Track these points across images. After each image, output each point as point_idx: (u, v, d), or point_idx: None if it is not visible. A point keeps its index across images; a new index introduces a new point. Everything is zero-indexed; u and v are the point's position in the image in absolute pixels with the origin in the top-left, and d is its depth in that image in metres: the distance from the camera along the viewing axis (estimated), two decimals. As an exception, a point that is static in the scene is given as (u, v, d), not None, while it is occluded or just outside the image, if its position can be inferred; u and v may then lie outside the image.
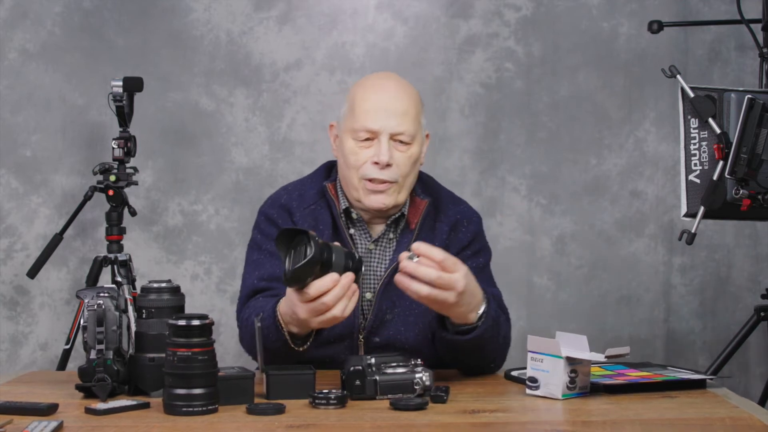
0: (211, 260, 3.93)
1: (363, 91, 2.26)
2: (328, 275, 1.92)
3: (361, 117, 2.21)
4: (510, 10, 3.97)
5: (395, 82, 2.28)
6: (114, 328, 1.92)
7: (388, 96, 2.23)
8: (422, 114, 2.28)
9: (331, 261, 1.92)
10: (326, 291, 1.91)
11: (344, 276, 1.93)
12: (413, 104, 2.24)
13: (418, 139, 2.24)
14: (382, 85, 2.27)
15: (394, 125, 2.20)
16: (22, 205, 3.89)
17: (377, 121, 2.20)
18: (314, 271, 1.90)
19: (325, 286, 1.91)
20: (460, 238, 2.30)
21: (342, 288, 1.92)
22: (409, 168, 2.22)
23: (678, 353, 3.98)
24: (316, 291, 1.91)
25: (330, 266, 1.92)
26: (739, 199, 2.85)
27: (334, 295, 1.92)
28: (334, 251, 1.93)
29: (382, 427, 1.72)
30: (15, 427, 1.69)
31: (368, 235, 2.28)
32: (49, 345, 3.89)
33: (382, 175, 2.19)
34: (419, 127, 2.25)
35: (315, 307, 1.93)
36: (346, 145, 2.23)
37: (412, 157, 2.22)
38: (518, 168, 3.98)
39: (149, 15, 3.92)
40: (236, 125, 3.94)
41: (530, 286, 3.98)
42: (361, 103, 2.23)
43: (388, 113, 2.20)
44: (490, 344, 2.12)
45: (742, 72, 3.97)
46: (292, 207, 2.29)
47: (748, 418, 1.78)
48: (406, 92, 2.25)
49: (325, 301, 1.92)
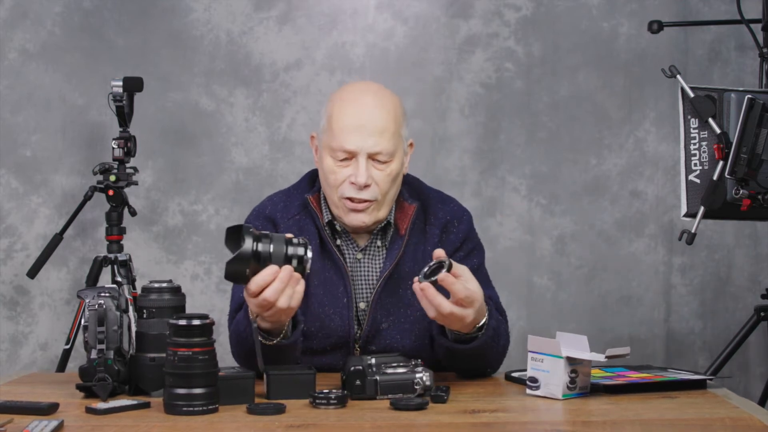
0: (211, 260, 3.93)
1: (340, 106, 2.20)
2: (267, 268, 1.88)
3: (338, 136, 2.16)
4: (510, 10, 3.97)
5: (373, 96, 2.21)
6: (115, 327, 1.93)
7: (365, 113, 2.17)
8: (404, 125, 2.22)
9: (267, 252, 1.88)
10: (266, 285, 1.88)
11: (283, 269, 1.88)
12: (392, 119, 2.18)
13: (398, 155, 2.19)
14: (359, 100, 2.21)
15: (371, 144, 2.15)
16: (22, 205, 3.89)
17: (354, 141, 2.15)
18: (249, 263, 1.87)
19: (264, 280, 1.88)
20: (452, 239, 2.27)
21: (281, 281, 1.88)
22: (388, 185, 2.18)
23: (678, 353, 3.98)
24: (256, 286, 1.88)
25: (268, 257, 1.88)
26: (739, 199, 2.85)
27: (273, 289, 1.88)
28: (272, 241, 1.88)
29: (382, 427, 1.72)
30: (15, 426, 1.69)
31: (355, 245, 2.26)
32: (49, 345, 3.89)
33: (361, 195, 2.16)
34: (399, 142, 2.20)
35: (259, 302, 1.90)
36: (325, 162, 2.20)
37: (392, 174, 2.18)
38: (518, 168, 3.98)
39: (149, 15, 3.92)
40: (236, 125, 3.94)
41: (530, 286, 3.98)
42: (339, 119, 2.18)
43: (366, 132, 2.15)
44: (489, 352, 2.12)
45: (742, 72, 3.97)
46: (276, 218, 2.26)
47: (748, 418, 1.78)
48: (385, 107, 2.19)
49: (266, 296, 1.89)
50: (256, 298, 1.90)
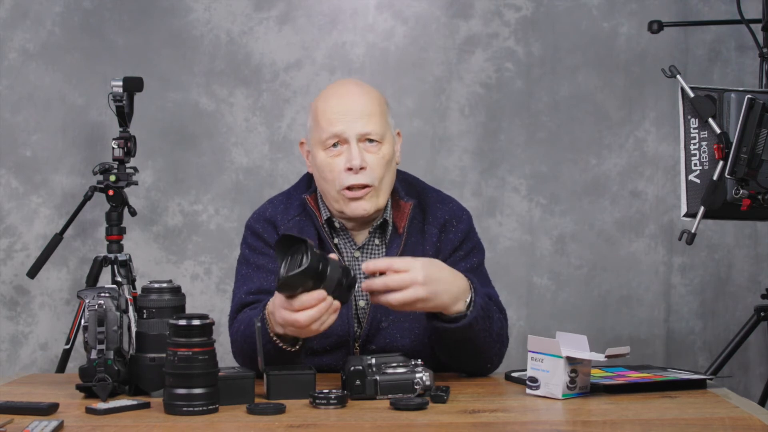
0: (211, 260, 3.93)
1: (324, 100, 2.24)
2: (315, 292, 1.90)
3: (326, 125, 2.19)
4: (510, 10, 3.97)
5: (354, 86, 2.26)
6: (115, 328, 1.93)
7: (349, 99, 2.21)
8: (388, 113, 2.26)
9: (325, 274, 1.90)
10: (308, 307, 1.90)
11: (326, 300, 1.91)
12: (376, 104, 2.22)
13: (388, 137, 2.22)
14: (341, 91, 2.25)
15: (360, 126, 2.18)
16: (22, 205, 3.89)
17: (342, 123, 2.18)
18: (306, 281, 1.89)
19: (309, 302, 1.90)
20: (451, 238, 2.27)
21: (319, 311, 1.91)
22: (383, 169, 2.20)
23: (678, 353, 3.98)
24: (300, 305, 1.90)
25: (323, 279, 1.90)
26: (739, 199, 2.85)
27: (308, 315, 1.90)
28: (330, 265, 1.91)
29: (382, 427, 1.72)
30: (16, 426, 1.70)
31: (353, 243, 2.26)
32: (49, 345, 3.89)
33: (358, 180, 2.17)
34: (387, 126, 2.23)
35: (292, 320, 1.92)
36: (318, 158, 2.21)
37: (385, 157, 2.20)
38: (518, 168, 3.98)
39: (149, 15, 3.92)
40: (236, 125, 3.94)
41: (530, 286, 3.98)
42: (324, 111, 2.21)
43: (352, 115, 2.18)
44: (482, 336, 2.09)
45: (742, 72, 3.97)
46: (277, 220, 2.27)
47: (748, 418, 1.78)
48: (368, 94, 2.23)
49: (298, 318, 1.91)
50: (289, 313, 1.92)
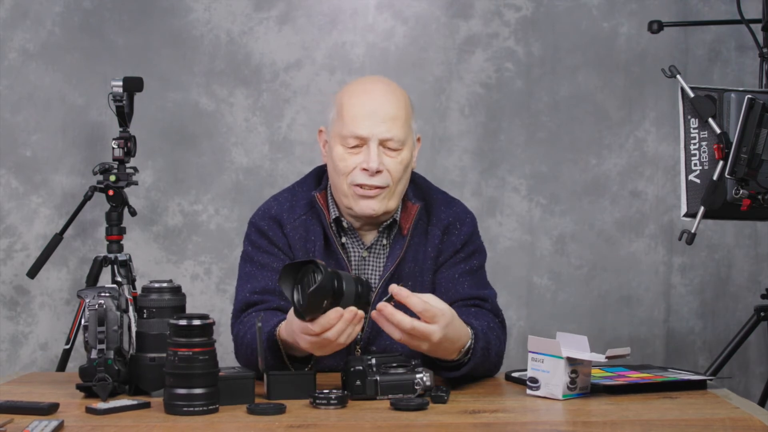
0: (211, 260, 3.93)
1: (350, 95, 2.21)
2: (332, 311, 1.86)
3: (349, 123, 2.16)
4: (510, 10, 3.97)
5: (383, 85, 2.23)
6: (115, 327, 1.93)
7: (376, 101, 2.18)
8: (413, 118, 2.23)
9: (342, 289, 1.88)
10: (330, 327, 1.87)
11: (347, 310, 1.87)
12: (402, 108, 2.19)
13: (409, 144, 2.20)
14: (370, 89, 2.22)
15: (383, 131, 2.15)
16: (22, 205, 3.89)
17: (365, 127, 2.15)
18: (327, 298, 1.86)
19: (329, 322, 1.87)
20: (453, 240, 2.26)
21: (345, 322, 1.87)
22: (400, 173, 2.18)
23: (678, 353, 3.98)
24: (321, 328, 1.87)
25: (342, 294, 1.88)
26: (739, 199, 2.85)
27: (337, 330, 1.87)
28: (343, 278, 1.89)
29: (382, 427, 1.72)
30: (16, 426, 1.70)
31: (361, 243, 2.25)
32: (49, 345, 3.89)
33: (372, 181, 2.15)
34: (409, 132, 2.21)
35: (318, 341, 1.89)
36: (335, 151, 2.19)
37: (403, 162, 2.18)
38: (518, 168, 3.98)
39: (149, 15, 3.92)
40: (236, 125, 3.94)
41: (530, 286, 3.98)
42: (349, 108, 2.18)
43: (377, 119, 2.16)
44: (481, 369, 2.08)
45: (742, 72, 3.97)
46: (283, 218, 2.24)
47: (748, 418, 1.78)
48: (395, 96, 2.20)
49: (328, 336, 1.87)
50: (314, 337, 1.88)
